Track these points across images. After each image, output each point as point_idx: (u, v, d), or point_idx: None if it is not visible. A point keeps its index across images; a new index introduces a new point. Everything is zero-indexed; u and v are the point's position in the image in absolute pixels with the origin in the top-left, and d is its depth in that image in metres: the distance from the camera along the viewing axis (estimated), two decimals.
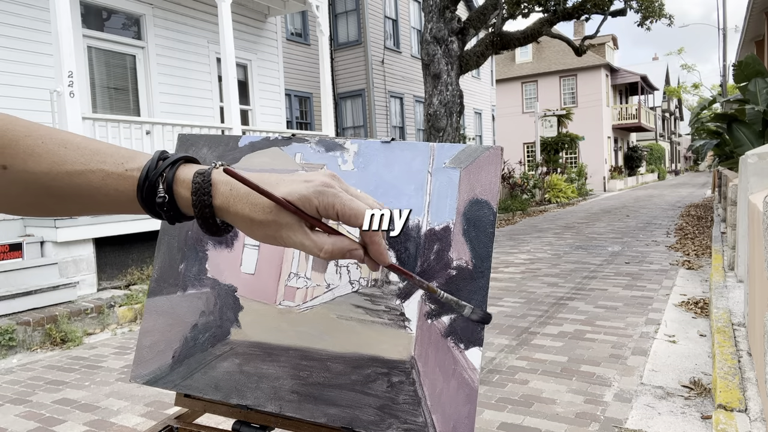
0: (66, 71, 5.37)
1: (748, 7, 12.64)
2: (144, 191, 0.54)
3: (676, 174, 49.51)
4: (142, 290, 5.63)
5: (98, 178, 0.54)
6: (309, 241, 0.54)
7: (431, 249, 0.78)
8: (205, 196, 0.53)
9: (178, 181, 0.54)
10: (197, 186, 0.53)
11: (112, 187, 0.54)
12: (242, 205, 0.53)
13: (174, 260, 0.94)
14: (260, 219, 0.53)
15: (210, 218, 0.54)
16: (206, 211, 0.53)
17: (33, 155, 0.53)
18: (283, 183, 0.54)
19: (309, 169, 0.89)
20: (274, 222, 0.53)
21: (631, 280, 6.24)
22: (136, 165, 0.55)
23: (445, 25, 11.51)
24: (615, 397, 3.07)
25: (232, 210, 0.53)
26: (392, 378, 0.76)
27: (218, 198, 0.53)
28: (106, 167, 0.54)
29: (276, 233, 0.54)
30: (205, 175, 0.53)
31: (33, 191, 0.54)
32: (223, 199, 0.53)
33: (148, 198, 0.54)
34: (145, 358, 0.91)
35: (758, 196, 3.87)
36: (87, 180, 0.54)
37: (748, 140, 9.69)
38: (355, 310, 0.80)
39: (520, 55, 30.95)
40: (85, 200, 0.55)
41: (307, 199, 0.53)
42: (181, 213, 0.55)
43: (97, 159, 0.54)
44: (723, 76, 21.53)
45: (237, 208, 0.53)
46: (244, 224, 0.54)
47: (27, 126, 0.54)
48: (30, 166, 0.53)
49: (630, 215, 13.86)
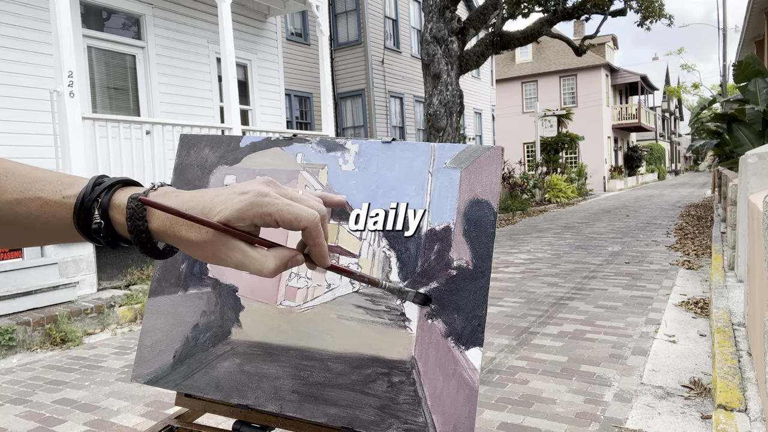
0: (66, 71, 5.37)
1: (748, 7, 12.64)
2: (80, 217, 0.53)
3: (676, 174, 49.51)
4: (142, 290, 5.63)
5: (37, 206, 0.53)
6: (249, 259, 0.52)
7: (432, 249, 0.79)
8: (140, 221, 0.52)
9: (114, 206, 0.53)
10: (131, 211, 0.52)
11: (50, 215, 0.53)
12: (179, 227, 0.52)
13: (175, 260, 0.94)
14: (198, 240, 0.52)
15: (148, 243, 0.53)
16: (143, 236, 0.52)
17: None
18: (216, 200, 0.53)
19: (311, 170, 0.89)
20: (211, 242, 0.52)
21: (631, 280, 6.24)
22: (73, 192, 0.54)
23: (445, 25, 11.51)
24: (615, 397, 3.07)
25: (170, 233, 0.52)
26: (392, 378, 0.77)
27: (154, 222, 0.52)
28: (45, 195, 0.53)
29: (216, 254, 0.52)
30: (139, 200, 0.52)
31: None
32: (159, 223, 0.52)
33: (85, 225, 0.53)
34: (147, 358, 0.91)
35: (758, 196, 3.87)
36: (26, 208, 0.53)
37: (748, 140, 9.69)
38: (355, 310, 0.81)
39: (520, 55, 30.94)
40: (25, 229, 0.55)
41: (241, 212, 0.52)
42: (121, 238, 0.54)
43: (36, 187, 0.53)
44: (723, 76, 21.54)
45: (175, 230, 0.52)
46: (186, 246, 0.53)
47: None
48: None
49: (630, 215, 13.86)
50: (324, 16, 9.09)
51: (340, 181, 0.86)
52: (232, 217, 0.52)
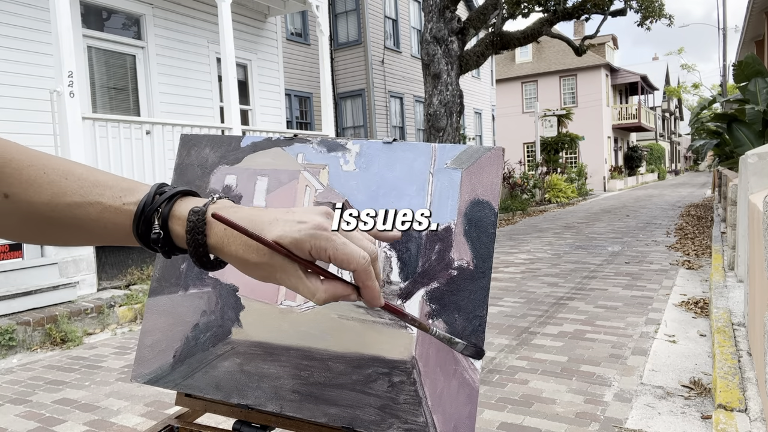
0: (66, 71, 5.37)
1: (748, 7, 12.64)
2: (139, 227, 0.53)
3: (676, 174, 49.52)
4: (142, 290, 5.63)
5: (96, 210, 0.54)
6: (303, 286, 0.53)
7: (433, 249, 0.79)
8: (200, 236, 0.52)
9: (174, 217, 0.54)
10: (192, 225, 0.52)
11: (109, 221, 0.54)
12: (236, 246, 0.52)
13: (175, 259, 0.94)
14: (254, 261, 0.52)
15: (204, 257, 0.53)
16: (200, 250, 0.53)
17: (34, 185, 0.53)
18: (276, 223, 0.53)
19: (311, 170, 0.89)
20: (268, 264, 0.52)
21: (631, 280, 6.24)
22: (133, 199, 0.54)
23: (445, 25, 11.51)
24: (615, 397, 3.07)
25: (226, 250, 0.53)
26: (393, 378, 0.77)
27: (213, 237, 0.53)
28: (104, 200, 0.54)
29: (270, 275, 0.53)
30: (200, 214, 0.53)
31: (33, 220, 0.54)
32: (217, 239, 0.53)
33: (144, 233, 0.54)
34: (147, 358, 0.91)
35: (758, 196, 3.87)
36: (85, 212, 0.54)
37: (748, 140, 9.70)
38: (356, 310, 0.81)
39: (520, 55, 30.95)
40: (83, 232, 0.55)
41: (299, 242, 0.52)
42: (177, 248, 0.55)
43: (96, 191, 0.54)
44: (723, 76, 21.54)
45: (231, 249, 0.52)
46: (239, 264, 0.54)
47: (30, 155, 0.54)
48: (31, 196, 0.53)
49: (630, 215, 13.86)
50: (324, 16, 9.09)
51: (341, 181, 0.86)
52: (290, 245, 0.52)
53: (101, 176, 0.55)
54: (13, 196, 0.53)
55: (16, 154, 0.53)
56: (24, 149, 0.55)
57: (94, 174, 0.55)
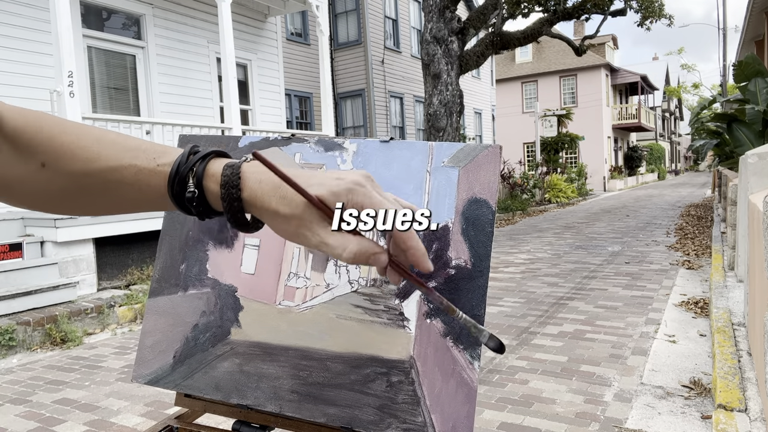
0: (66, 71, 5.37)
1: (748, 7, 12.64)
2: (174, 186, 0.53)
3: (676, 174, 49.51)
4: (142, 290, 5.63)
5: (131, 174, 0.54)
6: (333, 240, 0.51)
7: (430, 248, 0.79)
8: (234, 189, 0.52)
9: (208, 175, 0.54)
10: (226, 179, 0.52)
11: (144, 183, 0.54)
12: (269, 198, 0.52)
13: (175, 261, 0.94)
14: (286, 213, 0.52)
15: (239, 212, 0.53)
16: (235, 204, 0.52)
17: (68, 152, 0.53)
18: (313, 177, 0.53)
19: (309, 169, 0.89)
20: (300, 218, 0.51)
21: (631, 280, 6.24)
22: (167, 160, 0.54)
23: (445, 25, 11.51)
24: (615, 397, 3.07)
25: (259, 203, 0.52)
26: (391, 378, 0.77)
27: (246, 190, 0.52)
28: (139, 162, 0.54)
29: (299, 229, 0.52)
30: (234, 168, 0.53)
31: (70, 189, 0.55)
32: (251, 192, 0.52)
33: (179, 193, 0.54)
34: (147, 358, 0.91)
35: (758, 196, 3.87)
36: (120, 176, 0.54)
37: (748, 140, 9.70)
38: (354, 310, 0.81)
39: (520, 55, 30.94)
40: (119, 197, 0.55)
41: (336, 195, 0.51)
42: (211, 208, 0.55)
43: (130, 155, 0.54)
44: (723, 76, 21.54)
45: (264, 201, 0.52)
46: (270, 218, 0.53)
47: (61, 123, 0.55)
48: (66, 164, 0.53)
49: (630, 215, 13.86)
50: (324, 16, 9.09)
51: None
52: (326, 197, 0.51)
53: (134, 141, 0.56)
54: (49, 165, 0.53)
55: (47, 123, 0.54)
56: (54, 118, 0.55)
57: (127, 140, 0.56)
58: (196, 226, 0.94)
